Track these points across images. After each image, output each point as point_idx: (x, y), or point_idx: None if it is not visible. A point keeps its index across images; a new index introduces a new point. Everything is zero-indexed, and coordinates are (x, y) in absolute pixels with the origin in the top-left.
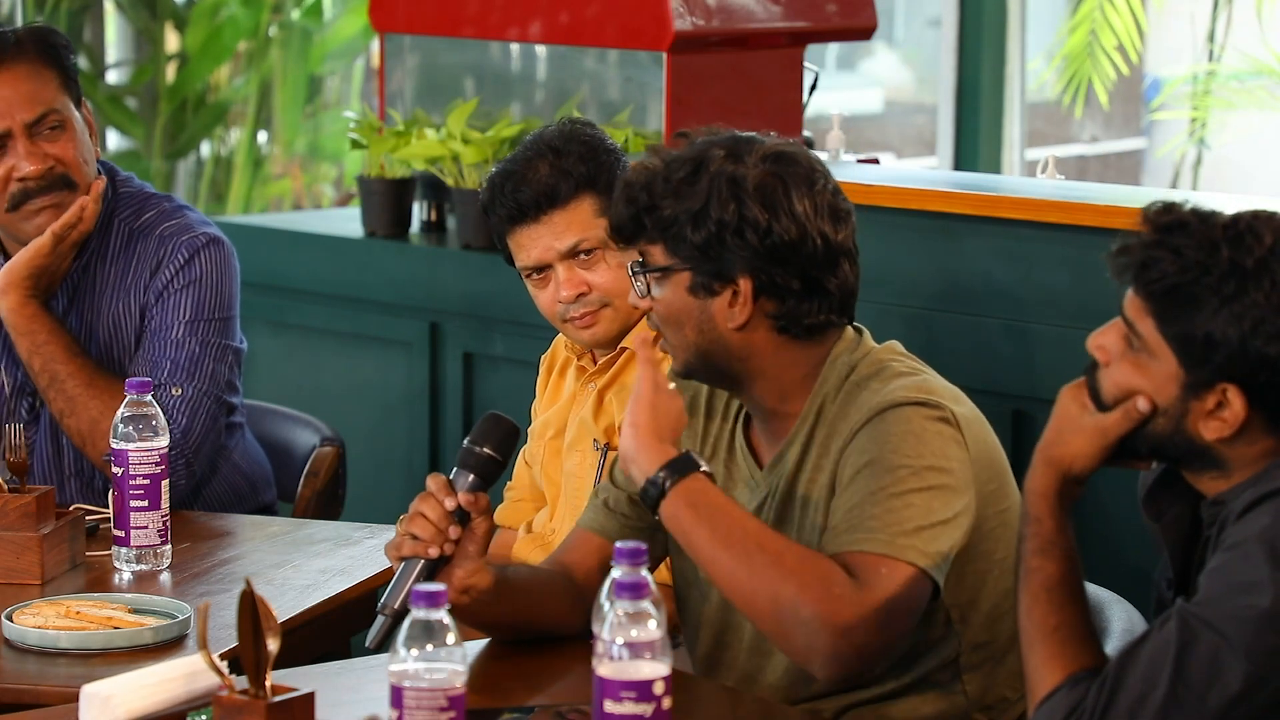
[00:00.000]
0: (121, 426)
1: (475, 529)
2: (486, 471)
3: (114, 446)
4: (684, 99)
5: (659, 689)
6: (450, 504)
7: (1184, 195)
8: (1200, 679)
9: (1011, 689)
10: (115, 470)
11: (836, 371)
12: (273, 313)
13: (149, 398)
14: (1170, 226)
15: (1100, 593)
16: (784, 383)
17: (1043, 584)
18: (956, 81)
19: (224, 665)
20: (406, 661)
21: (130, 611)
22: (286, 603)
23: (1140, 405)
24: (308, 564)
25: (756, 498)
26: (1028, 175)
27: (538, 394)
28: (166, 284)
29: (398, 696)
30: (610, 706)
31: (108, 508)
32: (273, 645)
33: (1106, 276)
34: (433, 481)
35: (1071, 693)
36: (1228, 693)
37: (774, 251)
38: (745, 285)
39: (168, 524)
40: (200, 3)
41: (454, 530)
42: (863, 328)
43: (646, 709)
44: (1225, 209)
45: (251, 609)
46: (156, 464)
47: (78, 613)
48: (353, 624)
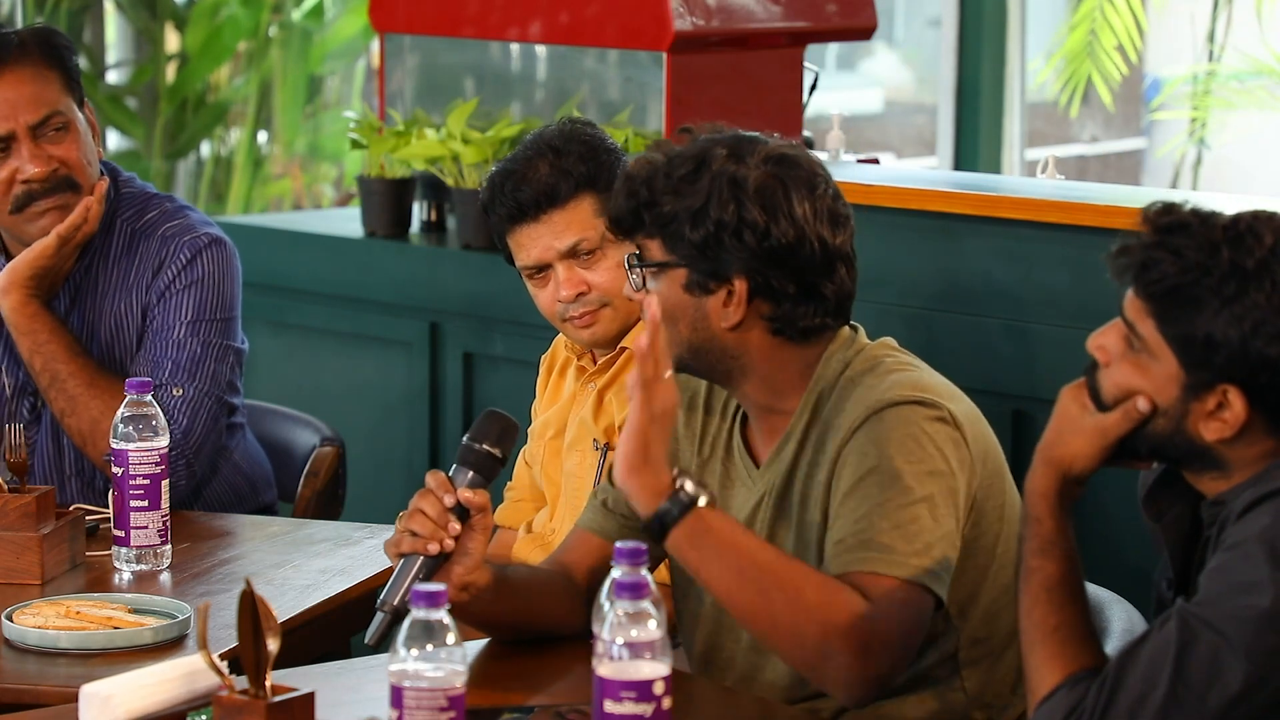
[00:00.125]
0: (121, 426)
1: (475, 526)
2: (486, 468)
3: (114, 446)
4: (684, 99)
5: (659, 689)
6: (449, 500)
7: (1184, 195)
8: (1200, 679)
9: (1010, 687)
10: (115, 470)
11: (831, 369)
12: (273, 313)
13: (149, 398)
14: (1170, 227)
15: (1100, 593)
16: (778, 381)
17: (1043, 584)
18: (956, 81)
19: (224, 665)
20: (406, 661)
21: (130, 611)
22: (286, 603)
23: (1140, 406)
24: (308, 564)
25: (754, 496)
26: (1028, 175)
27: (538, 394)
28: (169, 284)
29: (398, 696)
30: (610, 706)
31: (108, 508)
32: (273, 645)
33: (1106, 277)
34: (432, 478)
35: (1071, 693)
36: (1228, 693)
37: (771, 254)
38: (741, 286)
39: (168, 524)
40: (200, 3)
41: (453, 527)
42: (858, 325)
43: (646, 709)
44: (1225, 209)
45: (251, 609)
46: (156, 464)
47: (78, 613)
48: (353, 624)
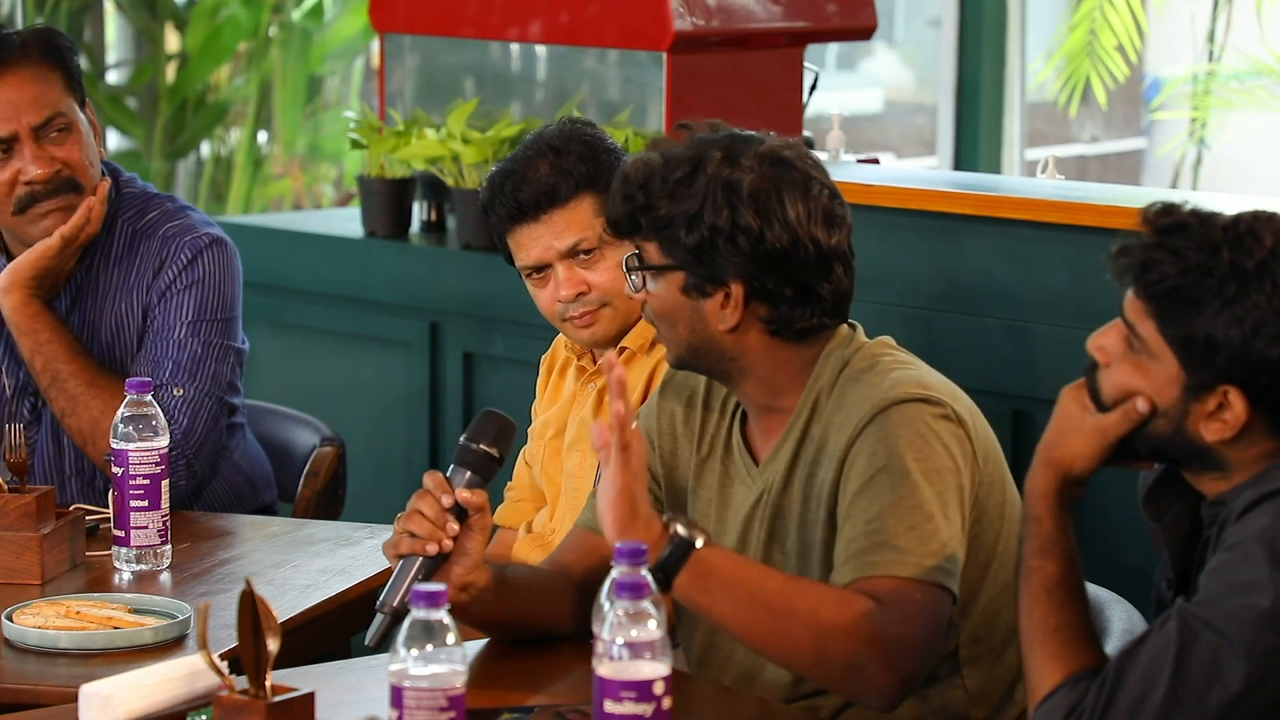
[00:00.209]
0: (121, 426)
1: (473, 526)
2: (483, 468)
3: (114, 446)
4: (684, 99)
5: (659, 689)
6: (448, 501)
7: (1184, 196)
8: (1200, 679)
9: (1010, 685)
10: (115, 470)
11: (830, 367)
12: (273, 313)
13: (149, 398)
14: (1170, 228)
15: (1100, 593)
16: (777, 380)
17: (1043, 584)
18: (956, 81)
19: (224, 665)
20: (406, 661)
21: (130, 611)
22: (286, 603)
23: (1140, 406)
24: (308, 564)
25: (753, 493)
26: (1028, 175)
27: (538, 394)
28: (169, 284)
29: (397, 696)
30: (610, 706)
31: (108, 508)
32: (273, 645)
33: (1106, 277)
34: (430, 479)
35: (1071, 692)
36: (1228, 693)
37: (766, 258)
38: (737, 290)
39: (168, 524)
40: (200, 3)
41: (451, 527)
42: (856, 323)
43: (646, 709)
44: (1225, 209)
45: (251, 609)
46: (156, 464)
47: (78, 613)
48: (353, 624)
